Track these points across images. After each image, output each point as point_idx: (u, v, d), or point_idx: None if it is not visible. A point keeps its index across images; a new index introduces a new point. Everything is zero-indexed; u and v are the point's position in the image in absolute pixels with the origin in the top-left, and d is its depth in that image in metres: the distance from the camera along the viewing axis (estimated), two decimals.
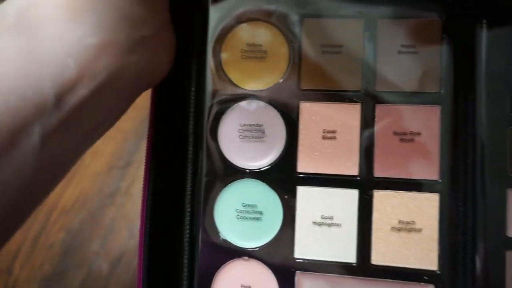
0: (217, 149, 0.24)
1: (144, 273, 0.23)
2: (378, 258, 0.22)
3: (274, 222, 0.23)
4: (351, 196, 0.23)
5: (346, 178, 0.23)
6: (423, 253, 0.22)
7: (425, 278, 0.22)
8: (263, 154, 0.23)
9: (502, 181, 0.22)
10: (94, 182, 0.41)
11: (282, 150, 0.23)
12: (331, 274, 0.22)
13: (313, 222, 0.23)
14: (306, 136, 0.23)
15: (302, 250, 0.23)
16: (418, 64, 0.22)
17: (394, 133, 0.22)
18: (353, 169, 0.23)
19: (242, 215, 0.23)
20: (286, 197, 0.23)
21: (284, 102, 0.23)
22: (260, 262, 0.23)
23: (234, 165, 0.23)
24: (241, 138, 0.23)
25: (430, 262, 0.22)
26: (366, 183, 0.23)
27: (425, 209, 0.22)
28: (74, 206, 0.40)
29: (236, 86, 0.24)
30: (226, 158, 0.24)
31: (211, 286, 0.23)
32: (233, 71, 0.24)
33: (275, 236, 0.23)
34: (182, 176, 0.24)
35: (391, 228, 0.22)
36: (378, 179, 0.22)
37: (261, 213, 0.23)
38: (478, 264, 0.21)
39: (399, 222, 0.22)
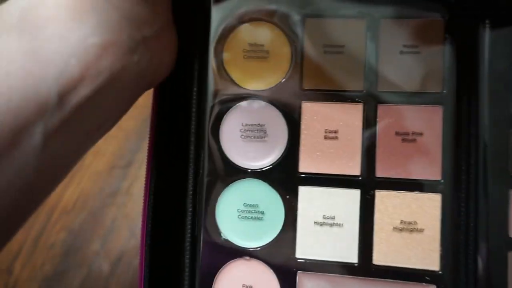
0: (218, 148, 0.24)
1: (145, 273, 0.23)
2: (380, 258, 0.22)
3: (276, 222, 0.23)
4: (353, 196, 0.23)
5: (348, 178, 0.23)
6: (425, 253, 0.22)
7: (426, 278, 0.22)
8: (265, 154, 0.23)
9: (505, 181, 0.21)
10: (95, 182, 0.41)
11: (284, 150, 0.23)
12: (333, 274, 0.22)
13: (314, 222, 0.23)
14: (308, 136, 0.23)
15: (304, 250, 0.23)
16: (420, 64, 0.22)
17: (396, 133, 0.22)
18: (355, 169, 0.23)
19: (243, 215, 0.23)
20: (287, 197, 0.23)
21: (286, 102, 0.23)
22: (261, 262, 0.23)
23: (236, 165, 0.23)
24: (243, 138, 0.23)
25: (432, 262, 0.22)
26: (368, 183, 0.22)
27: (427, 209, 0.22)
28: (75, 206, 0.40)
29: (238, 86, 0.24)
30: (228, 158, 0.23)
31: (213, 286, 0.23)
32: (235, 71, 0.24)
33: (277, 236, 0.23)
34: (184, 176, 0.24)
35: (393, 228, 0.22)
36: (380, 179, 0.22)
37: (262, 213, 0.23)
38: (480, 264, 0.21)
39: (401, 222, 0.22)
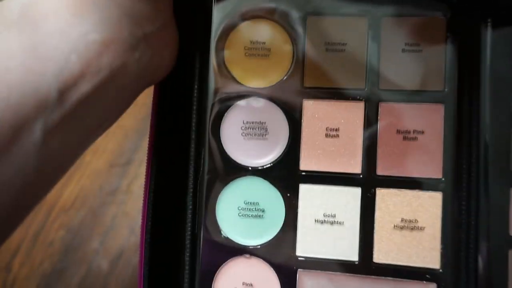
0: (219, 146, 0.23)
1: (145, 270, 0.23)
2: (381, 256, 0.22)
3: (276, 220, 0.23)
4: (354, 194, 0.23)
5: (349, 176, 0.23)
6: (426, 251, 0.22)
7: (427, 276, 0.22)
8: (266, 152, 0.23)
9: (505, 180, 0.22)
10: (94, 180, 0.40)
11: (284, 148, 0.23)
12: (333, 272, 0.22)
13: (315, 220, 0.23)
14: (309, 134, 0.23)
15: (304, 248, 0.23)
16: (422, 62, 0.22)
17: (398, 131, 0.22)
18: (356, 167, 0.23)
19: (244, 213, 0.23)
20: (288, 195, 0.23)
21: (287, 100, 0.23)
22: (261, 259, 0.23)
23: (237, 162, 0.23)
24: (243, 136, 0.23)
25: (432, 260, 0.22)
26: (369, 181, 0.22)
27: (428, 207, 0.22)
28: (74, 204, 0.40)
29: (239, 84, 0.24)
30: (229, 156, 0.23)
31: (213, 284, 0.23)
32: (236, 69, 0.24)
33: (277, 234, 0.23)
34: (184, 173, 0.24)
35: (394, 226, 0.22)
36: (381, 177, 0.22)
37: (263, 210, 0.23)
38: (481, 263, 0.21)
39: (402, 221, 0.22)
